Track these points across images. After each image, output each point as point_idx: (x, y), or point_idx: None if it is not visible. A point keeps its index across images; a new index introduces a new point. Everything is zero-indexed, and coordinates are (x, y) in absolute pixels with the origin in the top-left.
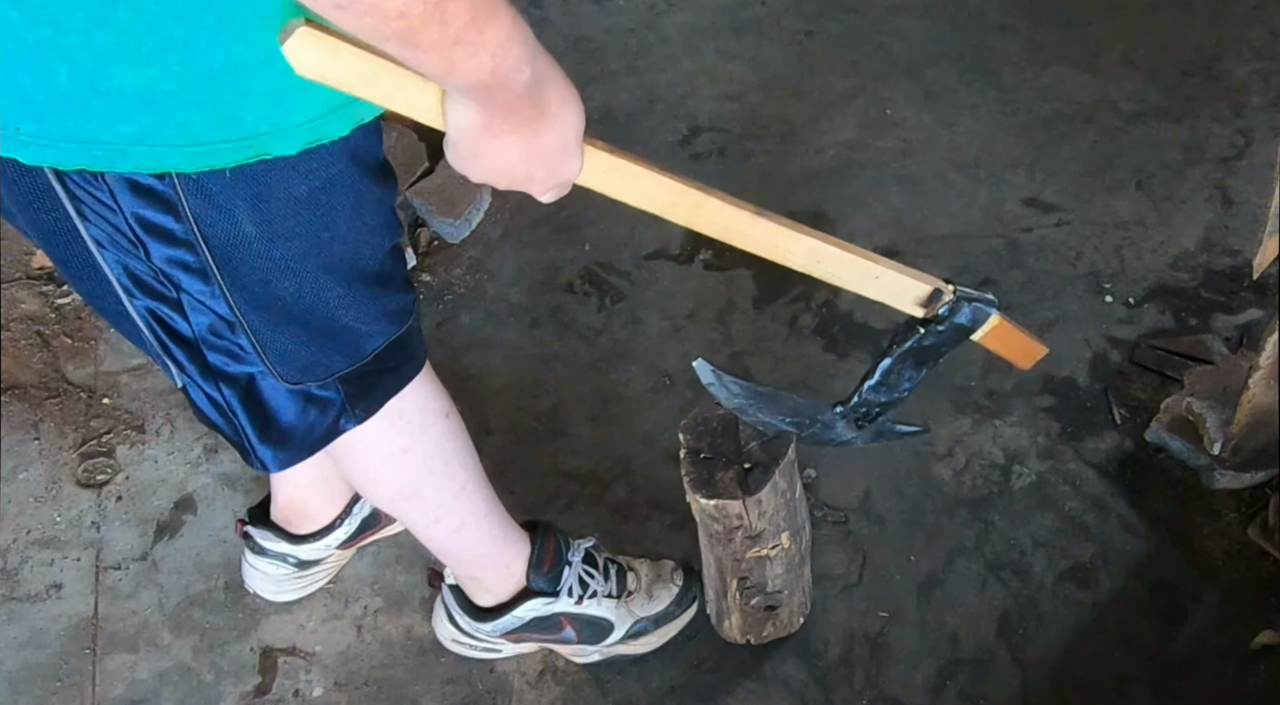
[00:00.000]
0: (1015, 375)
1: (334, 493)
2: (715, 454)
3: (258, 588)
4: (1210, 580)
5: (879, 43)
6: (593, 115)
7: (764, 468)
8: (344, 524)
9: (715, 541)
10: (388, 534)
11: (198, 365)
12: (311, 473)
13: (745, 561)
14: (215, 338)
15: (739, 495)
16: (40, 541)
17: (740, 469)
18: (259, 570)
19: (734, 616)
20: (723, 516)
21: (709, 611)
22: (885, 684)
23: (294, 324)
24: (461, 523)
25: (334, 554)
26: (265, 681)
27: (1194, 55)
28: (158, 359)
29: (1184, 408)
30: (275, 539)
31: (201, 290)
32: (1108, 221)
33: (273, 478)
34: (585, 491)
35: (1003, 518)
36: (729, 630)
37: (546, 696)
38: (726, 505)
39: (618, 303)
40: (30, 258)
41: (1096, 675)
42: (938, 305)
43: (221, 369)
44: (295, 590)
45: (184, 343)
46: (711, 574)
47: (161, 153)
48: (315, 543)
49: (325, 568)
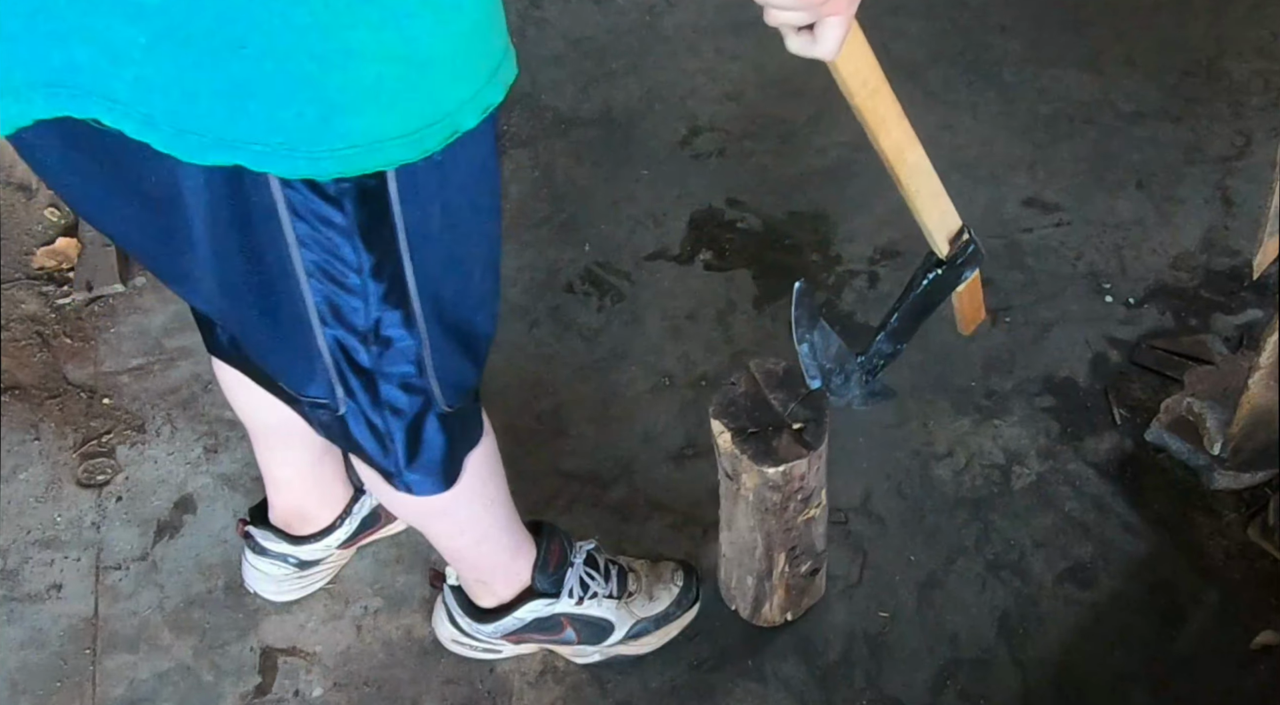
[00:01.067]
0: (1015, 375)
1: (332, 495)
2: (760, 426)
3: (258, 588)
4: (1210, 580)
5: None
6: (593, 115)
7: (815, 422)
8: (344, 525)
9: (769, 516)
10: (388, 533)
11: (370, 395)
12: (310, 477)
13: (795, 529)
14: (391, 367)
15: (804, 453)
16: (40, 541)
17: (792, 430)
18: (260, 570)
19: (777, 595)
20: (787, 482)
21: (734, 607)
22: (885, 684)
23: (450, 335)
24: (485, 534)
25: (334, 554)
26: (265, 681)
27: (1194, 55)
28: (322, 388)
29: (1184, 408)
30: (276, 539)
31: (393, 316)
32: (1108, 221)
33: (269, 483)
34: (585, 491)
35: (1003, 518)
36: (768, 614)
37: (546, 696)
38: (793, 468)
39: (618, 303)
40: (30, 258)
41: (1096, 675)
42: (958, 245)
43: (391, 401)
44: (296, 590)
45: (361, 373)
46: (756, 558)
47: (390, 148)
48: (315, 543)
49: (326, 567)
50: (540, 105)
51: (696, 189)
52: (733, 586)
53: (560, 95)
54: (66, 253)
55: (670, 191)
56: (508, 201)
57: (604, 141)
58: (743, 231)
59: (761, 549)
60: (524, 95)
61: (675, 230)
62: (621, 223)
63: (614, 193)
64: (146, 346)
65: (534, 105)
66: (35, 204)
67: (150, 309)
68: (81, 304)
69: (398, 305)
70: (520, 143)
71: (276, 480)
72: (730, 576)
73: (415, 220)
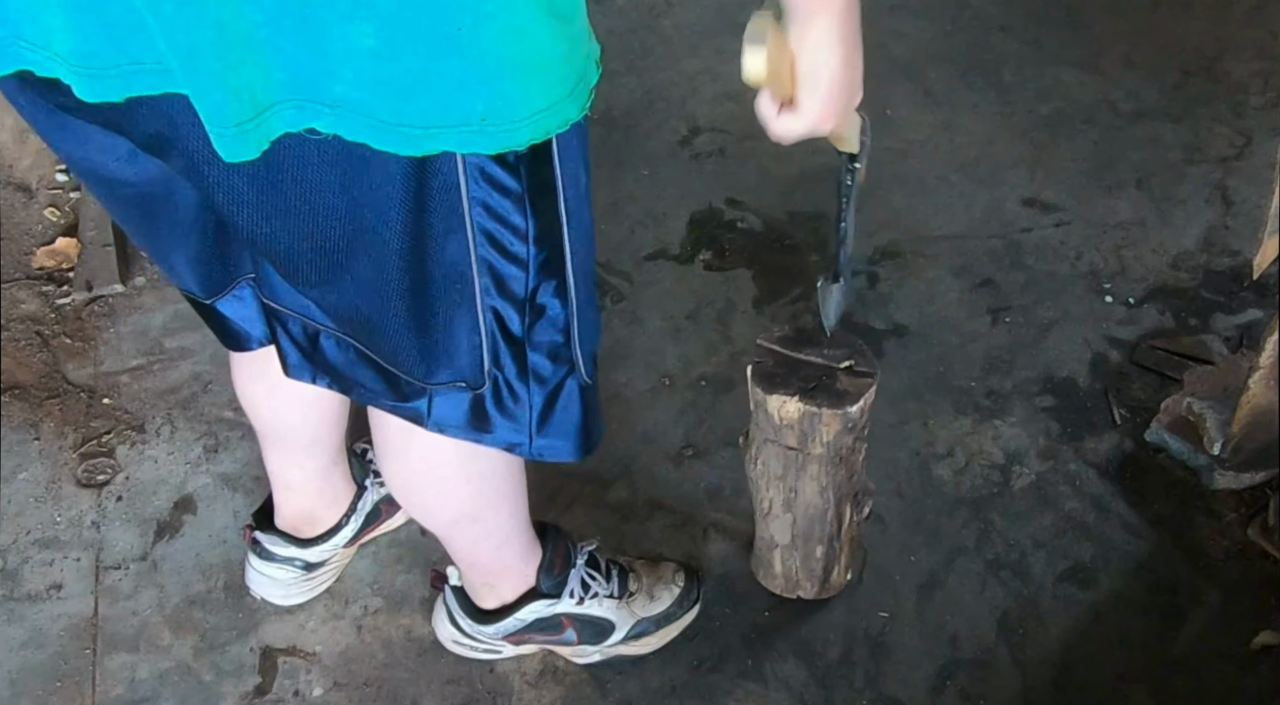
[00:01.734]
0: (1015, 375)
1: (337, 495)
2: (811, 380)
3: (265, 593)
4: (1210, 580)
5: (879, 43)
6: (593, 115)
7: (859, 352)
8: (350, 522)
9: (840, 467)
10: (389, 529)
11: (518, 365)
12: (323, 479)
13: (856, 472)
14: (541, 336)
15: (870, 381)
16: (40, 541)
17: (842, 370)
18: (266, 576)
19: (844, 554)
20: (861, 415)
21: (796, 595)
22: (885, 684)
23: (589, 306)
24: (506, 539)
25: (339, 553)
26: (265, 681)
27: (1194, 55)
28: (466, 367)
29: (1184, 408)
30: (284, 544)
31: (549, 285)
32: (1108, 221)
33: (280, 486)
34: (585, 491)
35: (1003, 518)
36: (837, 578)
37: (546, 696)
38: (867, 399)
39: (618, 303)
40: (30, 258)
41: (1096, 675)
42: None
43: (537, 370)
44: (302, 593)
45: (513, 343)
46: (828, 520)
47: (563, 108)
48: (323, 544)
49: (330, 568)
50: None
51: (696, 189)
52: (796, 574)
53: None
54: (66, 253)
55: (670, 191)
56: None
57: (604, 141)
58: (743, 231)
59: (833, 509)
60: None
61: (675, 230)
62: (621, 222)
63: (614, 192)
64: (146, 346)
65: None
66: (35, 204)
67: (150, 309)
68: (81, 304)
69: (554, 274)
70: None
71: (289, 484)
72: (788, 565)
73: (570, 184)
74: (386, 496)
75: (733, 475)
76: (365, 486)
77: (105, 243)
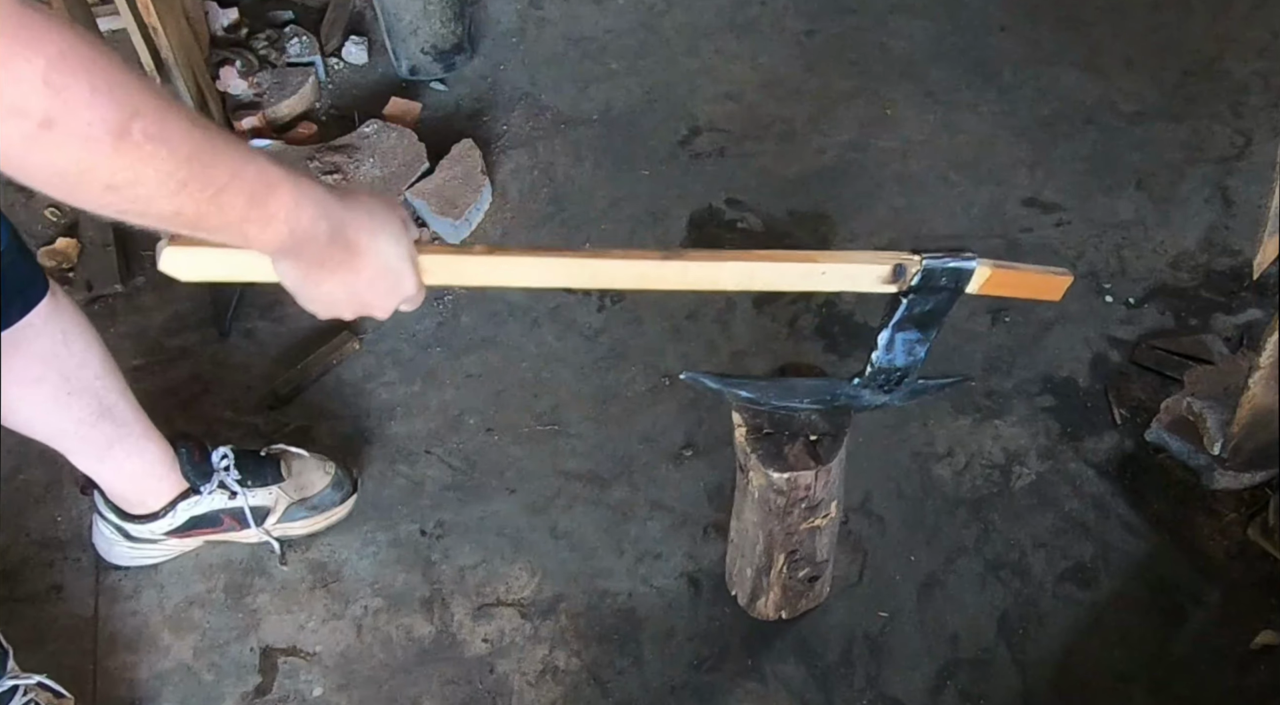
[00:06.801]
0: (1015, 375)
1: (161, 486)
2: (777, 428)
3: (96, 543)
4: (1210, 580)
5: (879, 43)
6: (593, 115)
7: (832, 437)
8: (167, 517)
9: (772, 517)
10: (238, 538)
11: None
12: (141, 464)
13: (798, 534)
14: None
15: (812, 465)
16: (40, 541)
17: (807, 440)
18: (98, 529)
19: (773, 592)
20: (791, 489)
21: (734, 592)
22: (885, 684)
23: None
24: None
25: (167, 540)
26: (265, 681)
27: (1194, 55)
28: None
29: (1184, 408)
30: (108, 510)
31: None
32: (1108, 221)
33: (99, 466)
34: (585, 491)
35: (1003, 518)
36: (763, 607)
37: (546, 696)
38: (799, 477)
39: (618, 302)
40: None
41: (1096, 675)
42: (907, 278)
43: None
44: (129, 558)
45: None
46: (757, 553)
47: None
48: (141, 526)
49: (160, 549)
50: (540, 105)
51: (696, 189)
52: (734, 573)
53: (560, 95)
54: (66, 253)
55: (670, 191)
56: (508, 201)
57: (604, 141)
58: (743, 231)
59: (762, 546)
60: (524, 95)
61: (675, 230)
62: (622, 222)
63: (614, 192)
64: (146, 346)
65: (534, 105)
66: (35, 204)
67: (150, 309)
68: (81, 304)
69: None
70: (520, 142)
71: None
72: (734, 563)
73: None
74: None
75: (732, 475)
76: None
77: (105, 243)
